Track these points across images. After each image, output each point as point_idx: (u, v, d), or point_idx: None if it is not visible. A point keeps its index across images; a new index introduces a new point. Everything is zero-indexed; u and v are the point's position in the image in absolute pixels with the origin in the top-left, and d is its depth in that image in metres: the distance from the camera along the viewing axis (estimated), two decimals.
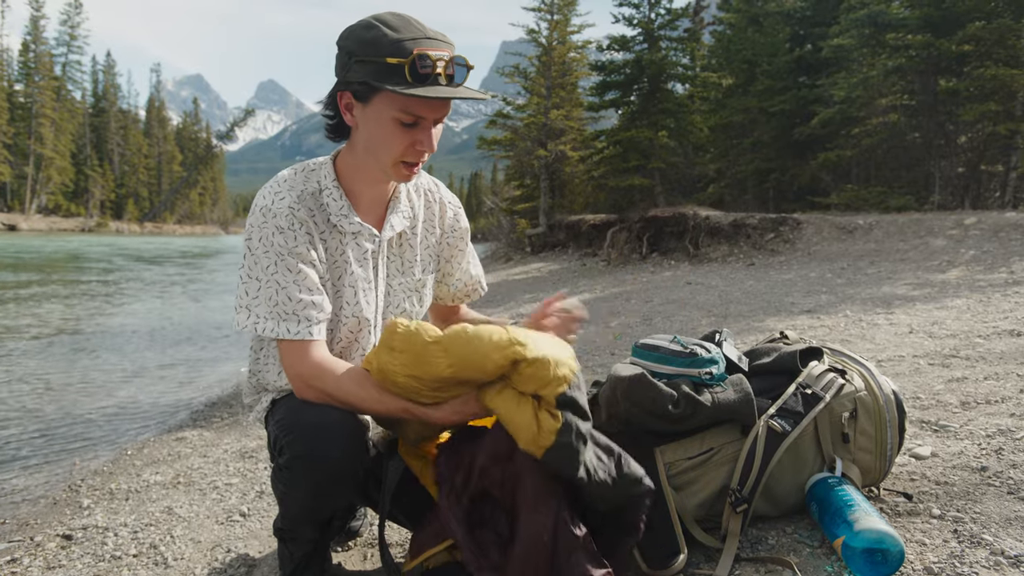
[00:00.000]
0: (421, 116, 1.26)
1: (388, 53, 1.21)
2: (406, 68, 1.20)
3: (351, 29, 1.28)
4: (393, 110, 1.25)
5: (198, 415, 4.28)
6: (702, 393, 1.48)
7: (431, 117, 1.28)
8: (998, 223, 8.66)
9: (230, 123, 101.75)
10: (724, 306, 6.21)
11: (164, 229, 77.65)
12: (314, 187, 1.38)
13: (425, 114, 1.26)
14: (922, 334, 4.00)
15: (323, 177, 1.39)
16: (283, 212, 1.31)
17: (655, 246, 12.79)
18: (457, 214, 1.60)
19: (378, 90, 1.24)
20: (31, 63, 58.24)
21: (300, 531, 1.43)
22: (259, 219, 1.32)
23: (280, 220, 1.31)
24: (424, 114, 1.26)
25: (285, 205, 1.32)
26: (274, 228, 1.31)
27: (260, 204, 1.33)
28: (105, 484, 2.82)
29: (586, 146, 18.74)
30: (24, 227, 49.56)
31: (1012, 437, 1.89)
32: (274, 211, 1.31)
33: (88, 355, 6.39)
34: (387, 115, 1.26)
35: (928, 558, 1.30)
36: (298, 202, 1.34)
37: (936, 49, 12.47)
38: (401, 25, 1.24)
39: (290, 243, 1.31)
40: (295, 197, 1.34)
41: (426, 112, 1.26)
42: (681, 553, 1.37)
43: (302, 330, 1.30)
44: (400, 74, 1.21)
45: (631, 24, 16.49)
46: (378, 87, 1.22)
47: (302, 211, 1.34)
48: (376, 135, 1.29)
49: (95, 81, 73.31)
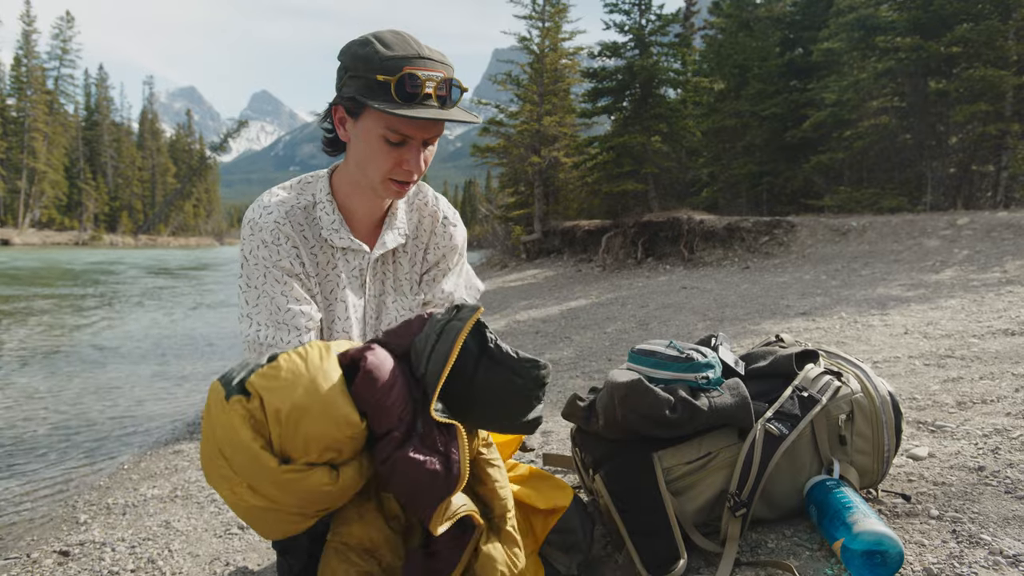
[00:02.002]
0: (408, 136, 1.25)
1: (378, 70, 1.21)
2: (392, 86, 1.20)
3: (349, 44, 1.28)
4: (380, 127, 1.25)
5: (195, 427, 4.26)
6: (699, 398, 1.48)
7: (419, 136, 1.27)
8: (990, 223, 8.71)
9: (223, 134, 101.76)
10: (719, 310, 6.22)
11: (159, 241, 77.42)
12: (308, 200, 1.38)
13: (412, 133, 1.25)
14: (917, 335, 4.01)
15: (318, 191, 1.40)
16: (268, 227, 1.32)
17: (650, 251, 12.81)
18: (448, 229, 1.53)
19: (366, 106, 1.24)
20: (23, 77, 58.12)
21: (296, 544, 1.43)
22: (247, 231, 1.34)
23: (265, 234, 1.32)
24: (411, 133, 1.25)
25: (271, 220, 1.33)
26: (259, 242, 1.32)
27: (248, 217, 1.35)
28: (102, 499, 2.80)
29: (579, 152, 18.79)
30: (17, 241, 49.36)
31: (1008, 436, 1.89)
32: (260, 225, 1.32)
33: (83, 369, 6.36)
34: (375, 132, 1.26)
35: (927, 559, 1.30)
36: (285, 217, 1.34)
37: (925, 51, 12.57)
38: (396, 43, 1.23)
39: (274, 256, 1.32)
40: (283, 212, 1.34)
41: (412, 131, 1.25)
42: (681, 558, 1.37)
43: (293, 339, 1.31)
44: (387, 92, 1.20)
45: (622, 30, 16.58)
46: (365, 103, 1.22)
47: (288, 226, 1.34)
48: (364, 151, 1.29)
49: (88, 94, 73.19)
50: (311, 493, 0.97)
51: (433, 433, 1.02)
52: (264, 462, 0.93)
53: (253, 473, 0.94)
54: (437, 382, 1.02)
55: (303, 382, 0.94)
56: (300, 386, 0.94)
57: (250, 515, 1.01)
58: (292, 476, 0.94)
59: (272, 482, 0.94)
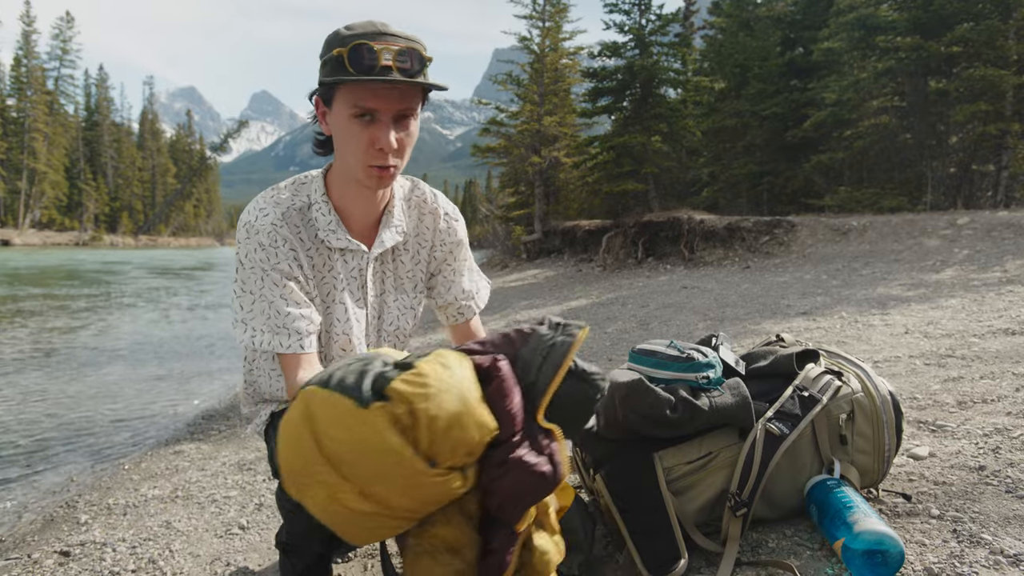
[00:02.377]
0: (371, 108, 1.22)
1: (337, 46, 1.20)
2: (346, 57, 1.18)
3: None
4: (347, 106, 1.23)
5: (195, 428, 4.26)
6: (699, 398, 1.48)
7: (384, 109, 1.23)
8: (991, 222, 8.71)
9: (224, 134, 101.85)
10: (720, 310, 6.22)
11: (159, 242, 77.49)
12: (303, 202, 1.37)
13: (375, 105, 1.22)
14: (918, 334, 4.01)
15: (313, 191, 1.38)
16: (265, 229, 1.30)
17: (650, 251, 12.81)
18: (451, 225, 1.53)
19: (333, 87, 1.23)
20: (23, 78, 58.18)
21: (306, 545, 1.42)
22: (243, 235, 1.31)
23: (262, 237, 1.30)
24: (374, 106, 1.22)
25: (268, 222, 1.31)
26: (256, 244, 1.30)
27: (244, 219, 1.32)
28: (103, 499, 2.80)
29: (580, 152, 18.80)
30: (18, 242, 49.39)
31: (1009, 436, 1.89)
32: (256, 227, 1.30)
33: (84, 369, 6.36)
34: (344, 113, 1.24)
35: (928, 558, 1.30)
36: (282, 219, 1.32)
37: (925, 51, 12.58)
38: (361, 25, 1.23)
39: (272, 259, 1.30)
40: (279, 214, 1.32)
41: (375, 103, 1.22)
42: (681, 558, 1.37)
43: (293, 343, 1.29)
44: (343, 65, 1.19)
45: (622, 30, 16.58)
46: (330, 83, 1.21)
47: (285, 228, 1.32)
48: (339, 137, 1.28)
49: (88, 95, 73.26)
50: (444, 496, 1.00)
51: (539, 437, 1.07)
52: (413, 466, 0.94)
53: (386, 477, 0.95)
54: (546, 391, 1.07)
55: (454, 390, 0.98)
56: (451, 394, 0.97)
57: (343, 520, 1.01)
58: (437, 480, 0.97)
59: (412, 485, 0.96)
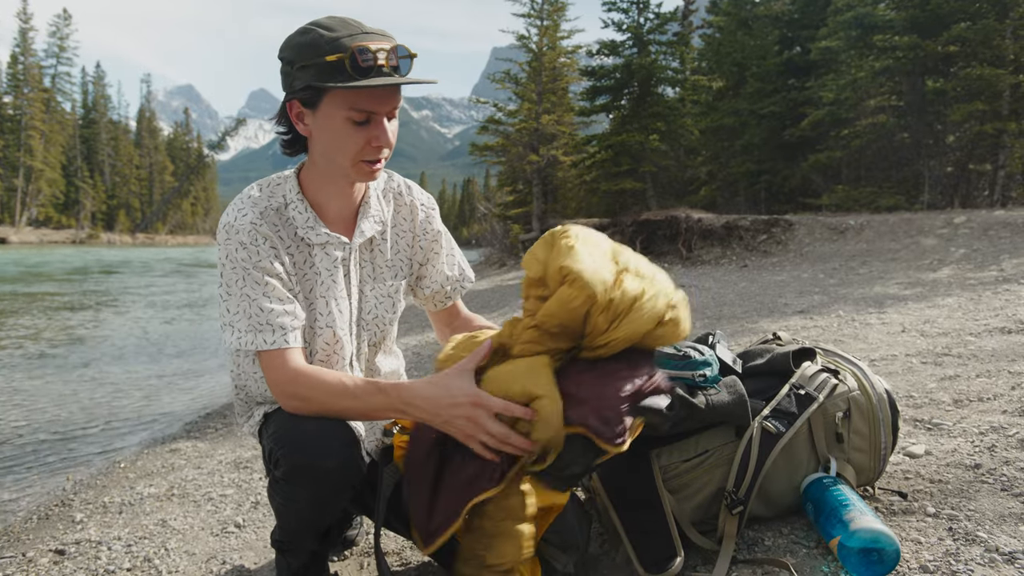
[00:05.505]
0: (371, 111, 1.24)
1: (327, 52, 1.20)
2: (347, 63, 1.19)
3: (288, 38, 1.27)
4: (343, 109, 1.23)
5: (191, 426, 4.25)
6: (696, 395, 1.47)
7: (382, 111, 1.25)
8: (987, 221, 8.73)
9: (221, 132, 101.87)
10: (717, 308, 6.23)
11: (156, 240, 77.38)
12: (279, 202, 1.37)
13: (375, 108, 1.24)
14: (914, 333, 4.01)
15: (288, 191, 1.38)
16: (245, 228, 1.30)
17: (648, 249, 12.81)
18: (429, 216, 1.56)
19: (324, 91, 1.23)
20: (20, 75, 58.04)
21: (299, 542, 1.42)
22: (223, 236, 1.32)
23: (243, 236, 1.30)
24: (374, 108, 1.24)
25: (247, 221, 1.31)
26: (237, 244, 1.30)
27: (224, 221, 1.33)
28: (98, 497, 2.80)
29: (578, 151, 18.81)
30: (14, 240, 49.28)
31: (1005, 434, 1.89)
32: (236, 227, 1.31)
33: (79, 367, 6.35)
34: (338, 116, 1.24)
35: (924, 556, 1.30)
36: (260, 218, 1.33)
37: (922, 50, 12.59)
38: (337, 25, 1.24)
39: (253, 258, 1.30)
40: (257, 213, 1.33)
41: (375, 106, 1.24)
42: (678, 556, 1.37)
43: (278, 339, 1.29)
44: (342, 70, 1.19)
45: (620, 29, 16.60)
46: (322, 87, 1.21)
47: (265, 226, 1.33)
48: (330, 139, 1.28)
49: (85, 92, 73.08)
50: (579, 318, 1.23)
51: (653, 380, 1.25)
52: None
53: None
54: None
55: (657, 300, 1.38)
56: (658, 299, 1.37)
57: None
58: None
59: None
